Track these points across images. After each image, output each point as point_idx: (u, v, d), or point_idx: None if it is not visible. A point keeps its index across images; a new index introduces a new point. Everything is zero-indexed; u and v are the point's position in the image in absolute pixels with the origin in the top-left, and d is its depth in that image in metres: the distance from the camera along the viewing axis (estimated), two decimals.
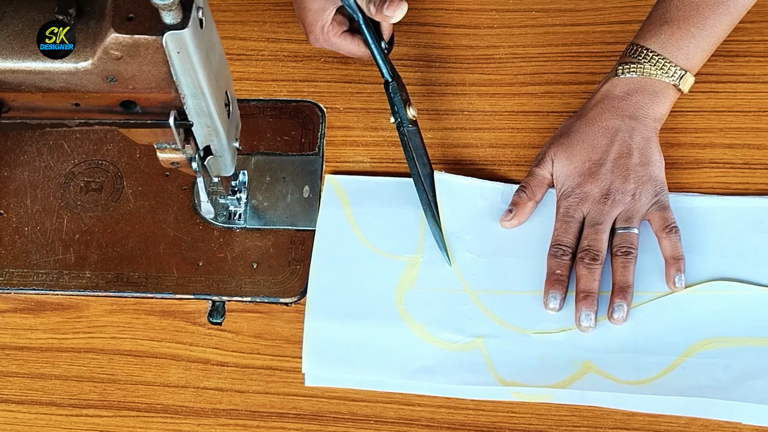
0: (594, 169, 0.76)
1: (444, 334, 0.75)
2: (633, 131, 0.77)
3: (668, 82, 0.77)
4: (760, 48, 0.86)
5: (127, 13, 0.55)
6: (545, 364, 0.73)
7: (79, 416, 0.74)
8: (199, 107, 0.61)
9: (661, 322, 0.74)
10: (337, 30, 0.82)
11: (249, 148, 0.84)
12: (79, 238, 0.81)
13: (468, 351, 0.74)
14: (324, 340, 0.75)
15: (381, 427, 0.73)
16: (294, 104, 0.87)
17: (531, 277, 0.76)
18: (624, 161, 0.76)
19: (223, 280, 0.78)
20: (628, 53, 0.79)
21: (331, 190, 0.81)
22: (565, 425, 0.72)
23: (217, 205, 0.81)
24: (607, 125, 0.77)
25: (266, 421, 0.73)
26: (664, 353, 0.73)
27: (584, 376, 0.72)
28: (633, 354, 0.73)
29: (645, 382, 0.72)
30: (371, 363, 0.74)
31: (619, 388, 0.71)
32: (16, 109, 0.61)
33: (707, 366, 0.72)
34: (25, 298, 0.79)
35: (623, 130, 0.77)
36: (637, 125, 0.77)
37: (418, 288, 0.77)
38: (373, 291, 0.76)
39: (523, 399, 0.72)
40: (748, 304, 0.74)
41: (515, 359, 0.73)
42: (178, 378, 0.75)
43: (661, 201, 0.76)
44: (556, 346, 0.74)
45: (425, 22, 0.90)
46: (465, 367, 0.73)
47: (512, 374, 0.73)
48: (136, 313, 0.78)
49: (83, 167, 0.84)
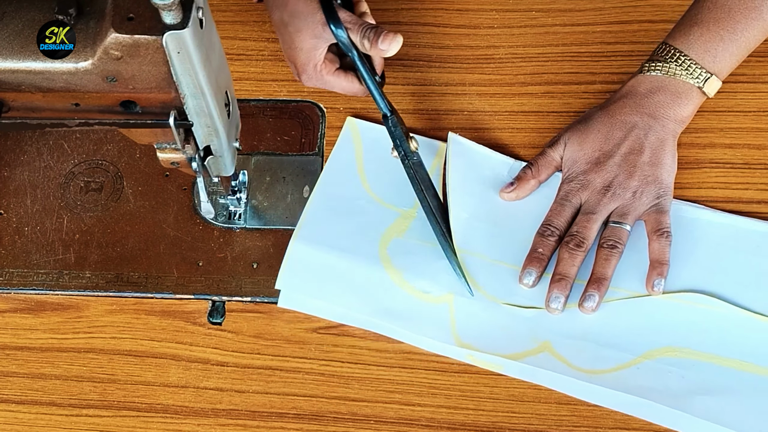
0: (602, 160, 0.77)
1: (418, 282, 0.76)
2: (649, 130, 0.77)
3: (692, 83, 0.77)
4: (760, 48, 0.85)
5: (127, 13, 0.55)
6: (505, 334, 0.74)
7: (79, 416, 0.74)
8: (199, 107, 0.61)
9: (631, 320, 0.75)
10: (330, 68, 0.81)
11: (249, 148, 0.84)
12: (79, 238, 0.81)
13: (436, 304, 0.76)
14: (303, 264, 0.77)
15: (381, 427, 0.73)
16: (294, 104, 0.87)
17: (515, 251, 0.77)
18: (633, 158, 0.76)
19: (223, 280, 0.78)
20: (657, 52, 0.79)
21: (348, 131, 0.84)
22: (565, 425, 0.72)
23: (217, 205, 0.81)
24: (625, 119, 0.77)
25: (266, 421, 0.73)
26: (624, 350, 0.73)
27: (539, 354, 0.73)
28: (593, 344, 0.74)
29: (597, 372, 0.72)
30: (342, 295, 0.76)
31: (570, 373, 0.72)
32: (16, 109, 0.61)
33: (663, 372, 0.72)
34: (25, 298, 0.79)
35: (640, 126, 0.77)
36: (655, 124, 0.77)
37: (405, 238, 0.78)
38: (362, 231, 0.78)
39: (475, 363, 0.73)
40: (721, 322, 0.74)
41: (478, 323, 0.75)
42: (178, 378, 0.75)
43: (661, 204, 0.76)
44: (521, 322, 0.75)
45: (425, 22, 0.90)
46: (428, 319, 0.75)
47: (470, 337, 0.74)
48: (136, 313, 0.78)
49: (83, 167, 0.84)
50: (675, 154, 0.77)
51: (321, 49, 0.80)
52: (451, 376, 0.74)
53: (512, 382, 0.74)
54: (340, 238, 0.78)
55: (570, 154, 0.78)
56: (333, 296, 0.76)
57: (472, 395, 0.74)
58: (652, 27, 0.88)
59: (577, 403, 0.73)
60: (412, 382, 0.74)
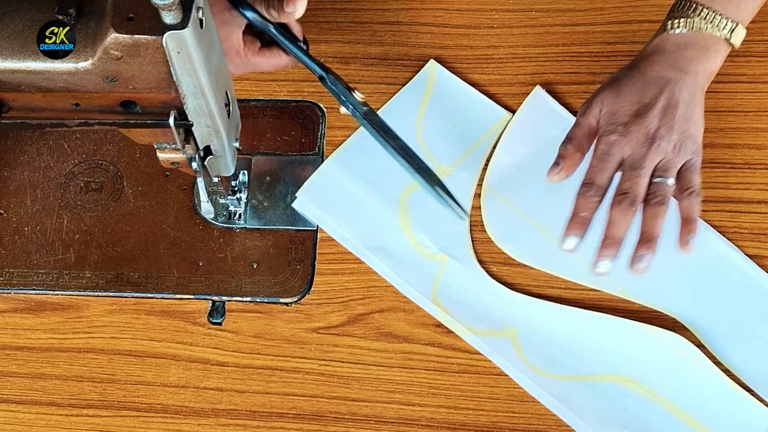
0: (642, 111, 0.73)
1: (420, 236, 0.79)
2: (683, 85, 0.74)
3: (719, 36, 0.74)
4: (760, 48, 0.86)
5: (127, 13, 0.55)
6: (479, 308, 0.76)
7: (79, 416, 0.74)
8: (199, 107, 0.61)
9: (605, 338, 0.75)
10: (253, 49, 0.78)
11: (249, 148, 0.84)
12: (79, 238, 0.81)
13: (429, 260, 0.78)
14: (329, 182, 0.81)
15: (381, 427, 0.73)
16: (294, 104, 0.87)
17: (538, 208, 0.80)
18: (671, 111, 0.73)
19: (223, 280, 0.78)
20: (677, 8, 0.76)
21: (425, 75, 0.85)
22: (565, 425, 0.72)
23: (217, 205, 0.81)
24: (658, 75, 0.75)
25: (266, 421, 0.73)
26: (582, 364, 0.74)
27: (499, 338, 0.75)
28: (554, 349, 0.75)
29: (543, 374, 0.74)
30: (350, 220, 0.80)
31: (519, 366, 0.74)
32: (16, 109, 0.61)
33: (610, 397, 0.73)
34: (25, 298, 0.79)
35: (674, 81, 0.74)
36: (687, 79, 0.74)
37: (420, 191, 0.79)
38: (392, 172, 0.77)
39: (442, 320, 0.76)
40: (693, 373, 0.73)
41: (459, 288, 0.77)
42: (178, 378, 0.75)
43: (693, 161, 0.73)
44: (500, 300, 0.77)
45: (425, 22, 0.90)
46: (415, 270, 0.78)
47: (446, 298, 0.77)
48: (136, 313, 0.78)
49: (83, 167, 0.84)
50: (703, 112, 0.75)
51: (236, 34, 0.77)
52: (451, 376, 0.74)
53: (512, 382, 0.74)
54: (372, 172, 0.81)
55: (607, 109, 0.75)
56: (342, 218, 0.80)
57: (472, 395, 0.74)
58: (652, 27, 0.87)
59: None
60: (412, 382, 0.74)
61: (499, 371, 0.74)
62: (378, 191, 0.81)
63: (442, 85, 0.85)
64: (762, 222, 0.78)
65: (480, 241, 0.79)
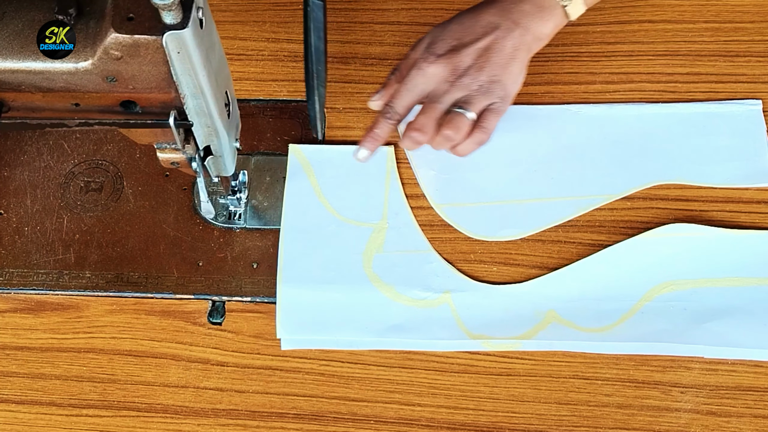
0: (458, 47, 0.75)
1: (412, 292, 0.77)
2: (509, 34, 0.76)
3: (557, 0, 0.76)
4: (760, 48, 0.86)
5: (127, 13, 0.55)
6: (510, 315, 0.76)
7: (79, 416, 0.74)
8: (199, 107, 0.61)
9: (619, 268, 0.76)
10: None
11: (249, 148, 0.84)
12: (79, 238, 0.81)
13: (436, 307, 0.76)
14: (297, 305, 0.77)
15: (381, 427, 0.73)
16: (294, 104, 0.87)
17: (491, 189, 0.81)
18: (487, 54, 0.75)
19: (223, 280, 0.78)
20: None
21: (295, 159, 0.83)
22: (565, 425, 0.72)
23: (217, 205, 0.81)
24: (489, 19, 0.76)
25: (266, 421, 0.73)
26: (623, 299, 0.75)
27: (548, 326, 0.75)
28: (593, 301, 0.75)
29: (606, 329, 0.74)
30: (344, 324, 0.76)
31: (582, 336, 0.74)
32: (16, 109, 0.61)
33: (665, 309, 0.74)
34: (25, 298, 0.79)
35: (502, 28, 0.76)
36: (516, 31, 0.76)
37: (385, 252, 0.79)
38: (342, 257, 0.78)
39: (492, 348, 0.75)
40: (703, 245, 0.76)
41: (481, 312, 0.76)
42: (178, 378, 0.75)
43: (498, 106, 0.75)
44: (520, 297, 0.76)
45: (425, 22, 0.90)
46: (434, 323, 0.76)
47: (479, 327, 0.75)
48: (136, 313, 0.78)
49: (83, 167, 0.84)
50: (524, 70, 0.77)
51: None
52: (451, 376, 0.74)
53: (512, 382, 0.74)
54: (325, 270, 0.78)
55: (429, 40, 0.77)
56: (335, 329, 0.76)
57: (472, 395, 0.74)
58: (652, 27, 0.88)
59: (577, 403, 0.73)
60: (412, 382, 0.74)
61: (498, 371, 0.74)
62: (343, 282, 0.77)
63: (315, 158, 0.83)
64: (762, 222, 0.78)
65: (478, 251, 0.79)
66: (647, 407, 0.72)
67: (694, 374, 0.73)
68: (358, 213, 0.80)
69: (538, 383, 0.74)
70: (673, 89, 0.84)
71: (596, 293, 0.76)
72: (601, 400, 0.73)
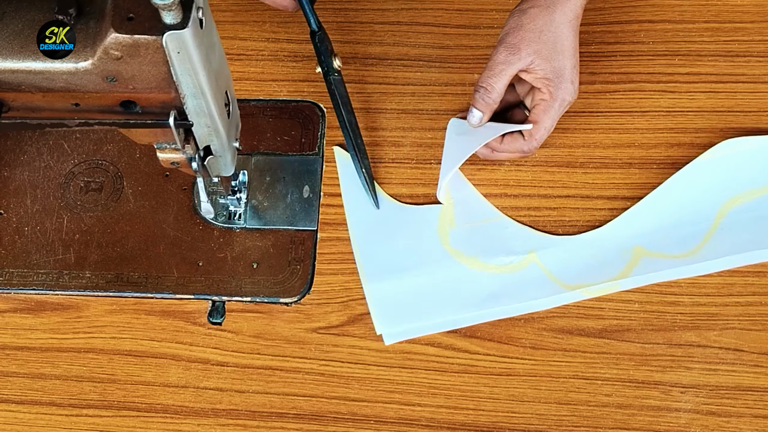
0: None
1: (497, 259, 0.77)
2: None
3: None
4: (760, 48, 0.86)
5: (127, 13, 0.55)
6: (599, 260, 0.76)
7: (79, 416, 0.74)
8: (199, 107, 0.61)
9: (687, 192, 0.78)
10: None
11: (249, 148, 0.84)
12: (79, 238, 0.81)
13: (525, 267, 0.77)
14: (387, 299, 0.76)
15: (381, 427, 0.73)
16: (294, 104, 0.87)
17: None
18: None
19: (223, 280, 0.79)
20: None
21: (342, 160, 0.83)
22: (565, 425, 0.72)
23: (217, 205, 0.81)
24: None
25: (266, 421, 0.73)
26: (700, 221, 0.77)
27: (639, 262, 0.76)
28: (673, 228, 0.77)
29: (694, 251, 0.76)
30: (439, 305, 0.76)
31: (676, 263, 0.76)
32: (16, 109, 0.61)
33: (741, 221, 0.77)
34: (25, 298, 0.79)
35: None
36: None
37: (458, 226, 0.79)
38: (418, 240, 0.78)
39: (592, 295, 0.75)
40: (759, 154, 0.78)
41: (571, 263, 0.76)
42: (178, 378, 0.75)
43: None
44: (603, 241, 0.77)
45: (425, 22, 0.90)
46: (527, 284, 0.76)
47: (573, 278, 0.76)
48: (136, 313, 0.78)
49: (83, 167, 0.84)
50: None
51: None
52: (451, 376, 0.74)
53: (512, 382, 0.74)
54: (403, 258, 0.78)
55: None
56: (432, 312, 0.76)
57: (472, 395, 0.74)
58: (652, 27, 0.88)
59: (577, 403, 0.73)
60: (412, 382, 0.74)
61: (498, 371, 0.74)
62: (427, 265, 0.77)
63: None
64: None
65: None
66: (647, 407, 0.72)
67: (694, 374, 0.73)
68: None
69: (538, 383, 0.74)
70: (673, 89, 0.84)
71: (673, 220, 0.77)
72: (601, 400, 0.73)
